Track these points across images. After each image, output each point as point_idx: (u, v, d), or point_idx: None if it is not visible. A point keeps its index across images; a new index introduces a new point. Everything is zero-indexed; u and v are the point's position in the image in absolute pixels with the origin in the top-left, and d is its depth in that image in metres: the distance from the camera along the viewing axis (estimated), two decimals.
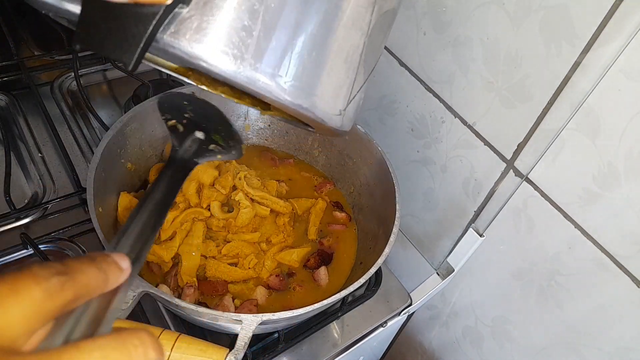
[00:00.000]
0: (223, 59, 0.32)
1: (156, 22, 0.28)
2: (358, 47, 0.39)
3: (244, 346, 0.46)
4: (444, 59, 0.62)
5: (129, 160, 0.65)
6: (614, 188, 0.50)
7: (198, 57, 0.31)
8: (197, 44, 0.31)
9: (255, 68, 0.33)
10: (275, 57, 0.34)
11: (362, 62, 0.40)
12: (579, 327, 0.60)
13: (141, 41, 0.28)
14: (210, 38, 0.31)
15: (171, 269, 0.60)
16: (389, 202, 0.62)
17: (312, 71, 0.36)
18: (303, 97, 0.36)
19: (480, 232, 0.67)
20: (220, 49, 0.31)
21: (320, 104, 0.38)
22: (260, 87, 0.34)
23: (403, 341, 0.95)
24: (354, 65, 0.39)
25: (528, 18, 0.51)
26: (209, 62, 0.31)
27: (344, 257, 0.68)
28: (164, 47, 0.31)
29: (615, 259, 0.53)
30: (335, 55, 0.37)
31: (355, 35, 0.38)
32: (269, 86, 0.34)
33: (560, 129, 0.52)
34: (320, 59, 0.36)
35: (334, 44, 0.36)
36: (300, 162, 0.80)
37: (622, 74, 0.46)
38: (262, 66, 0.33)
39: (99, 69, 0.88)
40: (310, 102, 0.37)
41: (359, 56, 0.39)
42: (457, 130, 0.65)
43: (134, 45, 0.29)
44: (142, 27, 0.28)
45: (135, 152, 0.66)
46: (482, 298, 0.73)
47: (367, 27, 0.38)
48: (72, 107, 0.82)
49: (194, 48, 0.31)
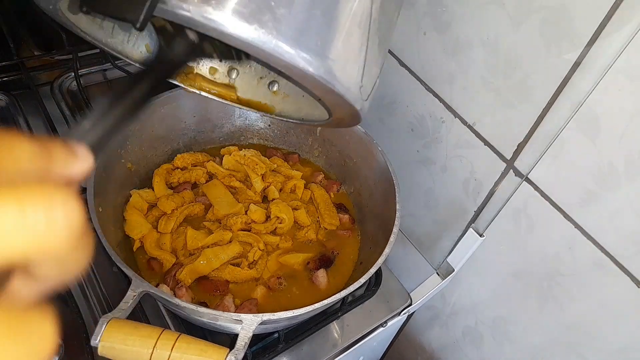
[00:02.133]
0: (241, 23, 0.30)
1: None
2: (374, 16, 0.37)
3: (244, 346, 0.46)
4: (444, 59, 0.62)
5: (129, 160, 0.65)
6: (614, 188, 0.50)
7: (213, 21, 0.29)
8: (210, 7, 0.29)
9: (280, 36, 0.31)
10: (300, 24, 0.32)
11: (378, 35, 0.39)
12: (579, 327, 0.60)
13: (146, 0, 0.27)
14: (226, 1, 0.29)
15: (171, 269, 0.60)
16: (389, 202, 0.62)
17: (335, 40, 0.35)
18: (327, 67, 0.34)
19: (480, 232, 0.67)
20: (238, 12, 0.29)
21: (343, 75, 0.36)
22: (286, 58, 0.32)
23: (403, 341, 0.95)
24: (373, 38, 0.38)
25: (528, 18, 0.51)
26: (226, 27, 0.30)
27: (346, 260, 0.68)
28: (172, 9, 0.29)
29: (615, 259, 0.53)
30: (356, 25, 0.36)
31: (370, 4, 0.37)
32: (294, 57, 0.32)
33: (560, 129, 0.52)
34: (342, 27, 0.35)
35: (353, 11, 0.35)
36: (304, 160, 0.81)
37: (622, 74, 0.46)
38: (288, 34, 0.31)
39: (99, 69, 0.88)
40: (334, 72, 0.35)
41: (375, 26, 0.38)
42: (457, 130, 0.65)
43: (140, 2, 0.28)
44: None
45: (135, 152, 0.66)
46: (482, 298, 0.73)
47: None
48: (72, 107, 0.82)
49: (208, 11, 0.29)
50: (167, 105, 0.68)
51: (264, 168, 0.73)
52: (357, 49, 0.38)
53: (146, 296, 0.49)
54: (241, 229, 0.66)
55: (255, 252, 0.63)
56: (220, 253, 0.61)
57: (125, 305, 0.46)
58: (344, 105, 0.40)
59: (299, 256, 0.66)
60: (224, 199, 0.68)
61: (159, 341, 0.43)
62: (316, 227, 0.70)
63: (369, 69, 0.40)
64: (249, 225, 0.66)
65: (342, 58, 0.36)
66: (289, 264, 0.65)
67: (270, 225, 0.67)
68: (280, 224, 0.68)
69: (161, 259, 0.61)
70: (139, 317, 0.60)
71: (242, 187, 0.71)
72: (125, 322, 0.44)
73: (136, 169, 0.67)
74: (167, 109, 0.69)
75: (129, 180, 0.66)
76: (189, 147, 0.75)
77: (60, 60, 0.86)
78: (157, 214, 0.65)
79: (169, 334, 0.44)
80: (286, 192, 0.73)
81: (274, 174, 0.74)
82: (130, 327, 0.44)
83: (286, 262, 0.65)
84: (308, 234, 0.68)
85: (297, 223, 0.70)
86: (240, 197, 0.70)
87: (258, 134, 0.80)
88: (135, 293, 0.47)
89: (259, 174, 0.72)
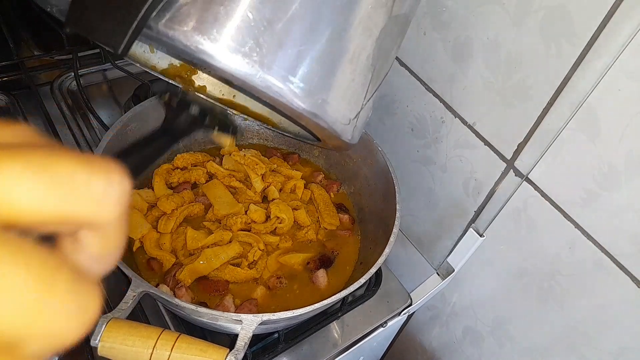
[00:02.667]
0: (230, 56, 0.29)
1: (148, 6, 0.27)
2: (368, 51, 0.37)
3: (244, 346, 0.45)
4: (444, 59, 0.62)
5: None
6: (614, 188, 0.50)
7: (202, 52, 0.29)
8: (200, 36, 0.29)
9: (268, 70, 0.31)
10: (289, 59, 0.31)
11: (372, 69, 0.39)
12: (579, 327, 0.60)
13: (131, 25, 0.28)
14: (217, 32, 0.29)
15: (171, 269, 0.60)
16: (389, 202, 0.62)
17: (324, 76, 0.34)
18: (314, 103, 0.34)
19: (480, 232, 0.67)
20: (227, 45, 0.29)
21: (330, 111, 0.36)
22: (272, 91, 0.32)
23: (403, 341, 0.95)
24: (365, 72, 0.38)
25: (528, 18, 0.51)
26: (216, 59, 0.29)
27: (346, 260, 0.68)
28: (158, 36, 0.29)
29: (615, 259, 0.53)
30: (347, 60, 0.36)
31: (366, 39, 0.36)
32: (282, 90, 0.32)
33: (560, 129, 0.52)
34: (332, 63, 0.34)
35: (346, 47, 0.35)
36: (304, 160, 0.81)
37: (622, 74, 0.46)
38: (275, 68, 0.31)
39: (99, 69, 0.88)
40: (321, 109, 0.35)
41: (369, 61, 0.38)
42: (457, 130, 0.65)
43: (125, 28, 0.28)
44: (134, 10, 0.27)
45: None
46: (482, 298, 0.73)
47: (377, 30, 0.37)
48: (72, 107, 0.82)
49: (197, 41, 0.29)
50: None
51: (264, 168, 0.72)
52: (347, 85, 0.37)
53: (146, 296, 0.49)
54: (241, 229, 0.65)
55: (255, 252, 0.63)
56: (220, 253, 0.61)
57: (125, 305, 0.46)
58: (332, 137, 0.40)
59: (299, 256, 0.66)
60: (224, 199, 0.68)
61: (158, 341, 0.43)
62: (316, 227, 0.70)
63: (359, 101, 0.39)
64: (249, 225, 0.66)
65: (329, 93, 0.36)
66: (289, 264, 0.65)
67: (270, 225, 0.67)
68: (280, 224, 0.68)
69: (161, 259, 0.61)
70: (138, 317, 0.60)
71: (242, 187, 0.71)
72: (125, 322, 0.44)
73: None
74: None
75: None
76: (189, 147, 0.75)
77: (60, 60, 0.86)
78: (157, 214, 0.65)
79: (168, 334, 0.44)
80: (286, 192, 0.73)
81: (274, 174, 0.74)
82: (130, 327, 0.44)
83: (286, 262, 0.65)
84: (308, 234, 0.68)
85: (297, 223, 0.70)
86: (240, 197, 0.70)
87: (258, 134, 0.80)
88: (135, 293, 0.47)
89: (259, 174, 0.72)
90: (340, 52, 0.35)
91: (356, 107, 0.39)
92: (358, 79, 0.38)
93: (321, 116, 0.36)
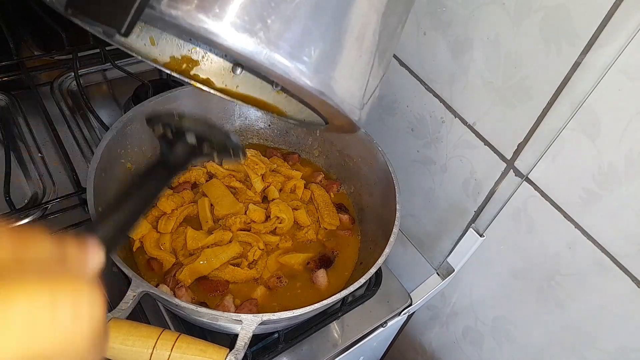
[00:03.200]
0: (235, 34, 0.29)
1: None
2: (374, 27, 0.36)
3: (244, 346, 0.46)
4: (444, 59, 0.62)
5: (129, 160, 0.65)
6: (614, 188, 0.50)
7: (206, 31, 0.28)
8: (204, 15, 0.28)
9: (275, 48, 0.30)
10: (295, 36, 0.30)
11: (378, 46, 0.38)
12: (579, 327, 0.60)
13: (133, 5, 0.27)
14: (221, 10, 0.28)
15: (171, 269, 0.60)
16: (389, 202, 0.62)
17: (331, 53, 0.34)
18: (322, 81, 0.34)
19: (480, 232, 0.67)
20: (232, 23, 0.28)
21: (338, 88, 0.35)
22: (279, 69, 0.31)
23: (403, 341, 0.95)
24: (372, 49, 0.37)
25: (528, 18, 0.51)
26: (220, 37, 0.29)
27: (346, 260, 0.68)
28: (161, 16, 0.29)
29: (615, 259, 0.53)
30: (353, 37, 0.35)
31: (372, 14, 0.36)
32: (288, 68, 0.31)
33: (560, 129, 0.52)
34: (338, 40, 0.34)
35: (351, 23, 0.34)
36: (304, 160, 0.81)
37: (622, 74, 0.46)
38: (282, 45, 0.30)
39: (99, 69, 0.88)
40: (329, 87, 0.34)
41: (375, 37, 0.37)
42: (457, 130, 0.65)
43: (127, 9, 0.27)
44: None
45: (135, 152, 0.66)
46: (482, 298, 0.73)
47: (382, 5, 0.36)
48: (72, 107, 0.82)
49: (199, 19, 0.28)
50: (167, 105, 0.68)
51: (263, 168, 0.73)
52: (353, 62, 0.37)
53: (146, 296, 0.49)
54: (241, 229, 0.66)
55: (255, 252, 0.63)
56: (220, 253, 0.61)
57: (125, 305, 0.46)
58: (340, 116, 0.39)
59: (299, 256, 0.66)
60: (224, 199, 0.68)
61: (158, 341, 0.43)
62: (316, 227, 0.70)
63: (366, 80, 0.39)
64: (249, 225, 0.66)
65: (336, 71, 0.35)
66: (289, 264, 0.65)
67: (270, 225, 0.67)
68: (280, 224, 0.68)
69: (161, 259, 0.61)
70: (138, 317, 0.60)
71: (242, 187, 0.71)
72: (125, 322, 0.44)
73: (136, 169, 0.67)
74: (166, 109, 0.69)
75: (129, 181, 0.66)
76: None
77: (60, 60, 0.86)
78: (157, 214, 0.65)
79: (168, 334, 0.44)
80: (286, 192, 0.73)
81: (274, 174, 0.74)
82: (130, 327, 0.44)
83: (286, 262, 0.65)
84: (308, 234, 0.68)
85: (297, 223, 0.70)
86: (240, 197, 0.70)
87: (258, 134, 0.80)
88: (135, 293, 0.47)
89: (259, 174, 0.72)
90: (347, 28, 0.34)
91: (363, 85, 0.39)
92: (365, 56, 0.37)
93: (328, 94, 0.35)
